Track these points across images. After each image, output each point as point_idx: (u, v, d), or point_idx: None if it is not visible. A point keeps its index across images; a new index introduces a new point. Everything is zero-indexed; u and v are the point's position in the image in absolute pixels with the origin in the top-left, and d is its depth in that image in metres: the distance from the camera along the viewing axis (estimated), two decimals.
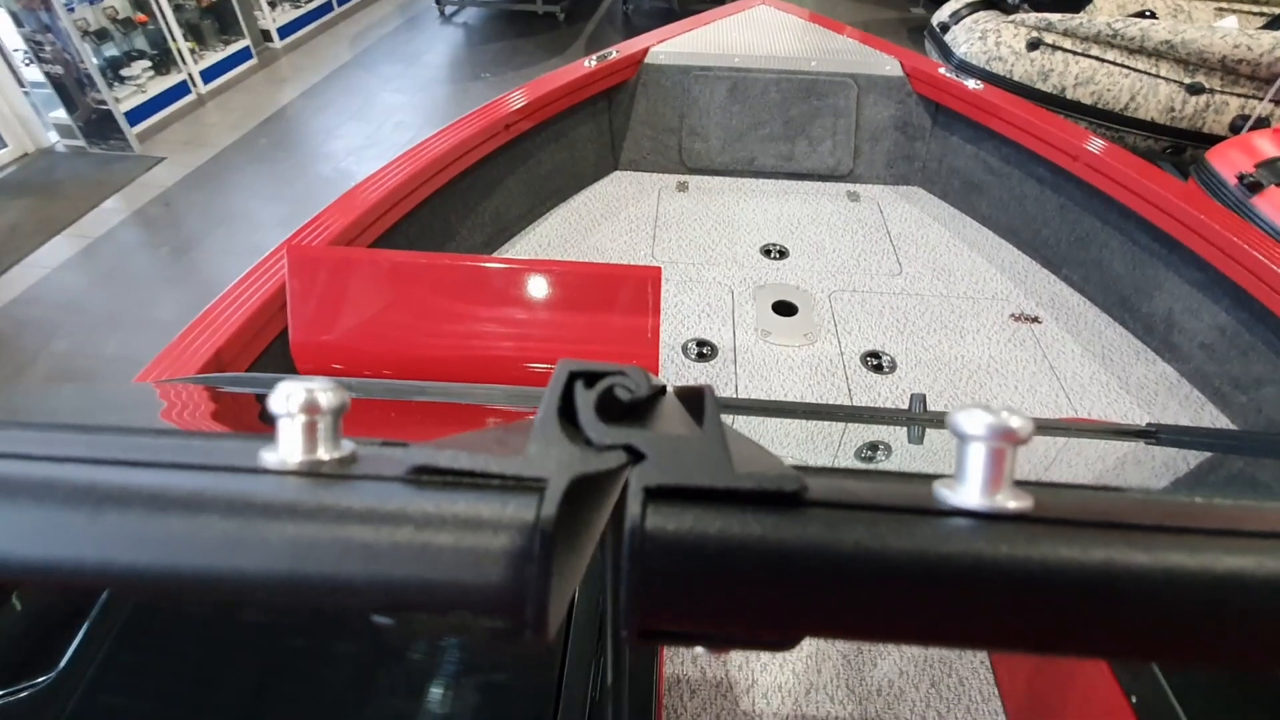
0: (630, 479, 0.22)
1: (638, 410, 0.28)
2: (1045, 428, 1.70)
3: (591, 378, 0.27)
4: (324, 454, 0.24)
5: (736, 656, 1.76)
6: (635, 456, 0.23)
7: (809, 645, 1.79)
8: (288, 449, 0.23)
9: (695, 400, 0.30)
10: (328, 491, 0.21)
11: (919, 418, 1.28)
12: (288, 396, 0.23)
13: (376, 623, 0.21)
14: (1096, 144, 2.65)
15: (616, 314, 1.63)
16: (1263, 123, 3.48)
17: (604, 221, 3.21)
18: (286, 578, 0.20)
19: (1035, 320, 2.71)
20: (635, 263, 2.99)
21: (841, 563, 0.20)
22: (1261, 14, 4.32)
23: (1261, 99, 3.49)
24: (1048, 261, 2.94)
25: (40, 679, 0.99)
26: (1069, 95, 4.15)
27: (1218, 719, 1.23)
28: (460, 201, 2.78)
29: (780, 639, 0.22)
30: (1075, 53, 4.10)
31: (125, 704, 1.00)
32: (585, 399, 0.26)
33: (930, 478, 0.24)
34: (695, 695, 1.69)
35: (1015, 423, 0.22)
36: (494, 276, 1.63)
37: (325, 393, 0.24)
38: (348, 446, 0.24)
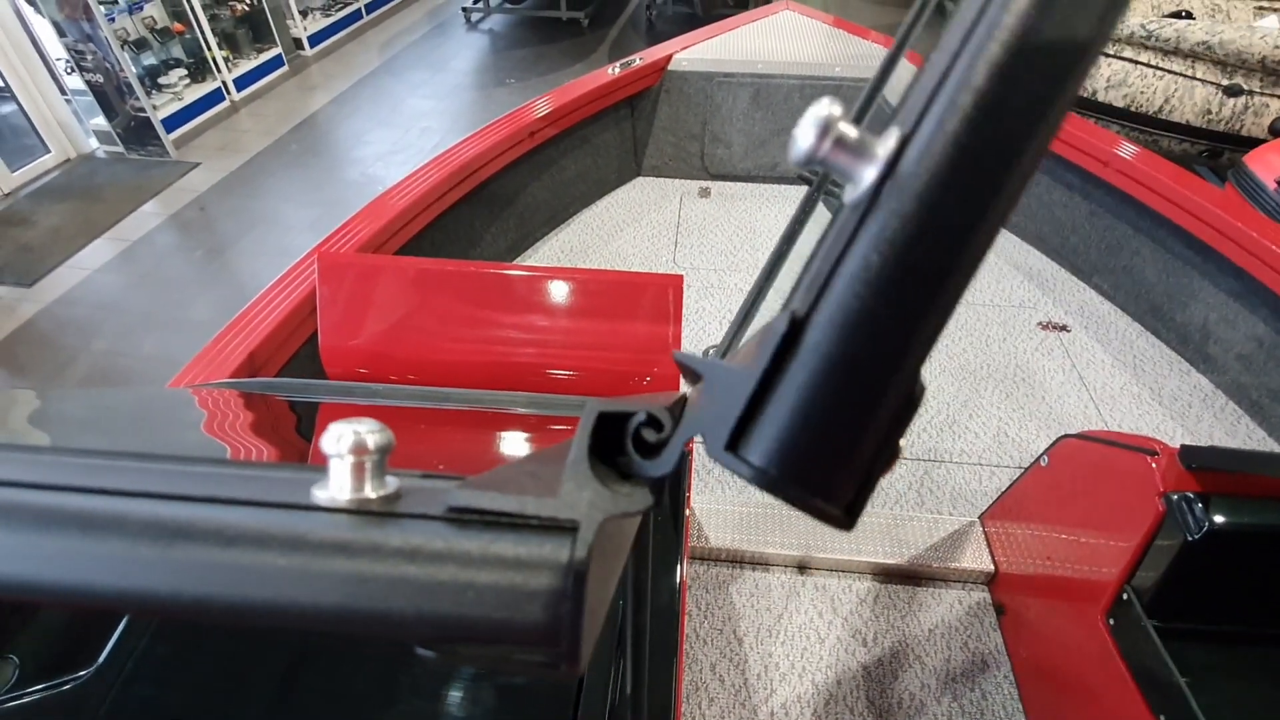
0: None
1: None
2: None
3: (618, 419, 0.28)
4: (370, 492, 0.25)
5: (756, 666, 1.76)
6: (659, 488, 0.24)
7: (829, 655, 1.78)
8: (338, 487, 0.25)
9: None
10: (377, 530, 0.23)
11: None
12: (339, 438, 0.25)
13: (419, 654, 0.23)
14: (1128, 149, 2.60)
15: (638, 321, 1.64)
16: None
17: (626, 227, 3.23)
18: (337, 611, 0.22)
19: (1064, 329, 2.67)
20: (657, 268, 3.00)
21: None
22: None
23: None
24: (1076, 269, 2.89)
25: (80, 673, 1.03)
26: (1100, 98, 4.07)
27: None
28: (485, 207, 2.81)
29: None
30: (1107, 54, 4.02)
31: (163, 697, 1.03)
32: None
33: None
34: (714, 703, 1.69)
35: (370, 439, 0.25)
36: (517, 283, 1.65)
37: (373, 434, 0.25)
38: (393, 483, 0.25)
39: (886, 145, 0.22)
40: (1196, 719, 1.17)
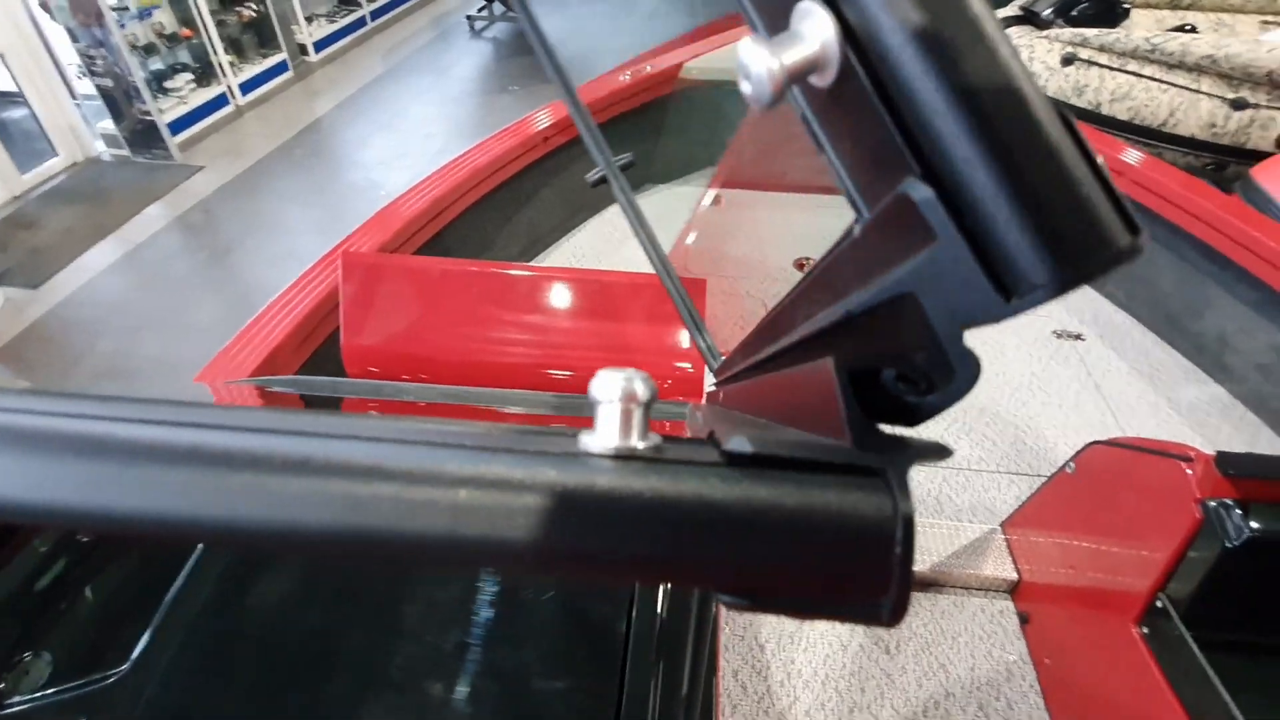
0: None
1: None
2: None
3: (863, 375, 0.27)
4: (638, 442, 0.24)
5: (778, 674, 1.73)
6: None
7: (851, 662, 1.76)
8: (608, 434, 0.24)
9: None
10: (679, 476, 0.22)
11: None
12: (608, 385, 0.25)
13: (725, 602, 0.23)
14: (1140, 158, 2.61)
15: (660, 324, 1.63)
16: None
17: (633, 236, 3.22)
18: (645, 558, 0.21)
19: (1078, 337, 2.67)
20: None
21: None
22: None
23: None
24: None
25: (113, 671, 1.01)
26: (1104, 111, 4.09)
27: None
28: (498, 213, 2.80)
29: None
30: (1111, 68, 4.05)
31: (195, 697, 1.01)
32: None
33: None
34: (737, 710, 1.66)
35: (639, 388, 0.25)
36: (541, 284, 1.64)
37: (643, 382, 0.24)
38: (655, 436, 0.25)
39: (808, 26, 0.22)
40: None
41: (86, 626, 1.08)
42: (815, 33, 0.22)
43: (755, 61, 0.22)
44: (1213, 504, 1.26)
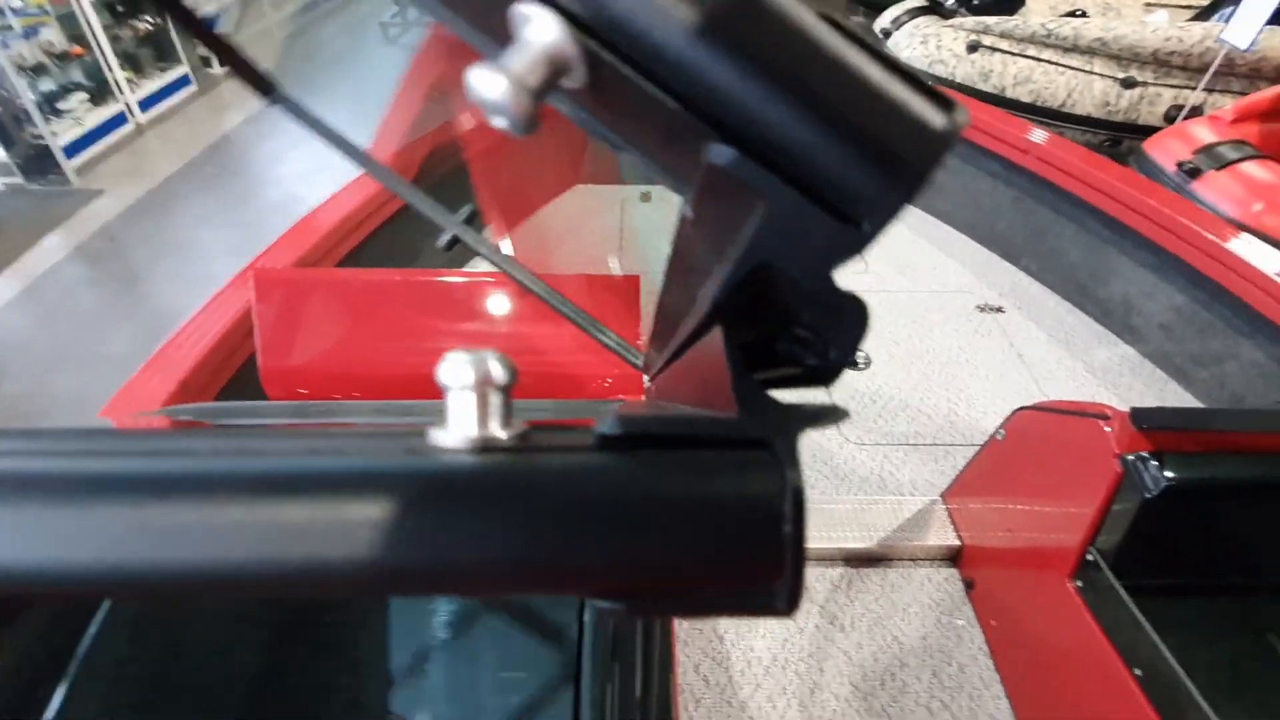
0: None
1: None
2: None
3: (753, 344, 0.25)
4: (499, 431, 0.21)
5: (738, 663, 1.74)
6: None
7: (809, 644, 1.78)
8: (462, 426, 0.21)
9: None
10: (540, 467, 0.20)
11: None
12: (458, 368, 0.22)
13: (604, 609, 0.20)
14: (1044, 137, 2.75)
15: (601, 323, 1.61)
16: (1196, 112, 3.66)
17: (568, 235, 3.19)
18: (508, 566, 0.19)
19: (999, 310, 2.78)
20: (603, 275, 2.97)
21: None
22: (1189, 7, 4.57)
23: (1194, 89, 3.67)
24: (1006, 253, 3.03)
25: None
26: (1009, 94, 4.30)
27: (1224, 686, 1.26)
28: (423, 220, 2.73)
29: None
30: (1012, 53, 4.26)
31: None
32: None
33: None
34: (700, 704, 1.66)
35: (495, 369, 0.22)
36: (466, 290, 1.59)
37: (498, 364, 0.22)
38: (518, 423, 0.22)
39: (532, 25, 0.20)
40: (1172, 670, 1.22)
41: None
42: (543, 34, 0.20)
43: (490, 88, 0.19)
44: (1131, 458, 1.33)
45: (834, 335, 0.22)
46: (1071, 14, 4.52)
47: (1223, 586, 1.44)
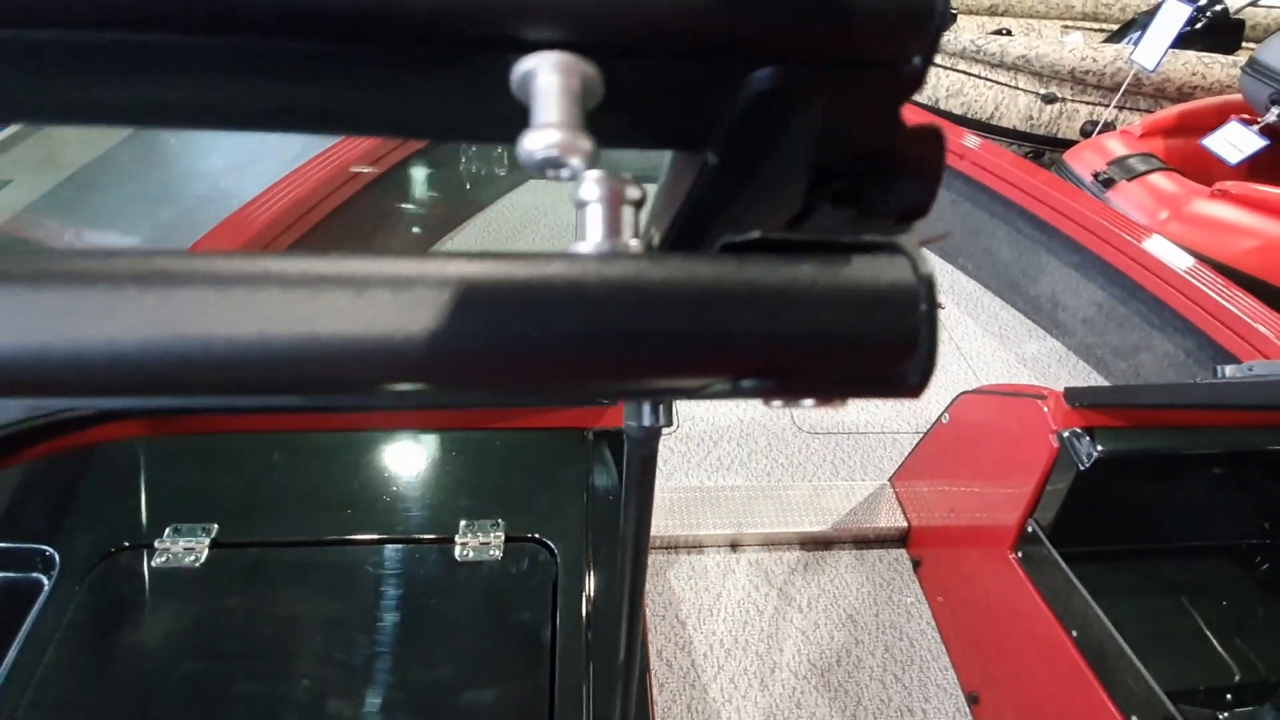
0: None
1: None
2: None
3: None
4: (634, 242, 0.22)
5: (700, 646, 1.77)
6: None
7: (768, 625, 1.82)
8: (600, 236, 0.22)
9: None
10: (679, 265, 0.21)
11: None
12: (593, 184, 0.22)
13: (750, 393, 0.21)
14: (977, 143, 2.91)
15: None
16: (1109, 127, 3.94)
17: (524, 230, 3.18)
18: (674, 342, 0.20)
19: (940, 306, 2.92)
20: None
21: None
22: (1101, 30, 4.91)
23: (1107, 105, 3.95)
24: (944, 252, 3.19)
25: None
26: (942, 106, 4.53)
27: (1153, 644, 1.36)
28: (372, 212, 2.66)
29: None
30: (945, 67, 4.49)
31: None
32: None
33: None
34: (664, 688, 1.67)
35: (623, 185, 0.23)
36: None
37: (627, 183, 0.22)
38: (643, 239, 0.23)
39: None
40: (1105, 628, 1.31)
41: None
42: (557, 74, 0.20)
43: (547, 148, 0.20)
44: (1066, 434, 1.42)
45: (916, 170, 0.24)
46: (998, 32, 4.80)
47: (1147, 551, 1.56)
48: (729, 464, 2.20)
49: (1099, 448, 1.38)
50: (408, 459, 1.25)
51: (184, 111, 0.24)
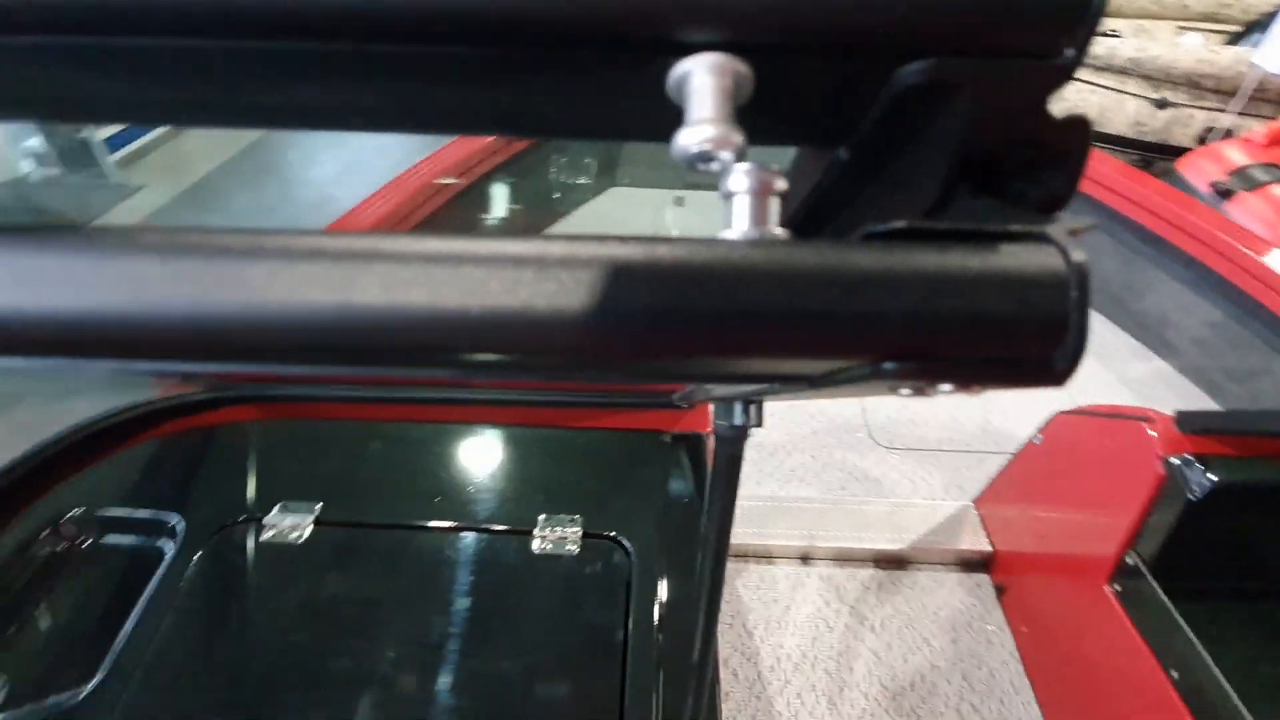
0: None
1: None
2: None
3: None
4: (779, 231, 0.23)
5: (768, 658, 1.74)
6: None
7: (838, 642, 1.78)
8: (747, 224, 0.23)
9: None
10: (835, 245, 0.22)
11: None
12: (742, 175, 0.23)
13: (893, 373, 0.22)
14: None
15: None
16: (1227, 134, 3.65)
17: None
18: (822, 321, 0.21)
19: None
20: None
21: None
22: (1222, 31, 4.56)
23: (1226, 111, 3.66)
24: None
25: (79, 689, 0.96)
26: None
27: (1263, 692, 1.25)
28: (460, 220, 2.77)
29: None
30: None
31: (169, 706, 0.96)
32: None
33: None
34: (730, 698, 1.66)
35: (771, 176, 0.24)
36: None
37: (777, 174, 0.24)
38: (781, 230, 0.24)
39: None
40: (1210, 672, 1.21)
41: (44, 644, 1.03)
42: (713, 73, 0.21)
43: (702, 143, 0.21)
44: (1175, 460, 1.33)
45: (1061, 160, 0.24)
46: (1104, 34, 4.54)
47: (1260, 591, 1.43)
48: (803, 475, 2.17)
49: (1213, 476, 1.28)
50: (492, 453, 1.30)
51: (363, 114, 0.27)
